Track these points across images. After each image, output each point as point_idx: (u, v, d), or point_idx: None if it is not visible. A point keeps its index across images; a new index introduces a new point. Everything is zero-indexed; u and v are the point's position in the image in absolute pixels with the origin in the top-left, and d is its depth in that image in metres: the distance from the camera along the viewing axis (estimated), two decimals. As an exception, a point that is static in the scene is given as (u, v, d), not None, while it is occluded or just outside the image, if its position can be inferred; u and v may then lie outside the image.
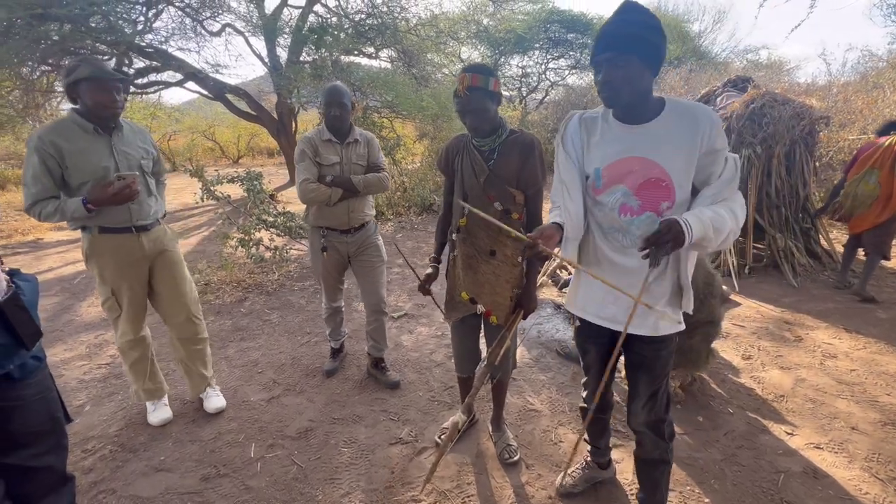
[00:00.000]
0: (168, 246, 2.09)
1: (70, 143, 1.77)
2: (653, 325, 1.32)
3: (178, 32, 7.96)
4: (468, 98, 1.48)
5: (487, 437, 2.04)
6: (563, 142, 1.35)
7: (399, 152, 7.52)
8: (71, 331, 3.32)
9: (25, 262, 5.07)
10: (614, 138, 1.25)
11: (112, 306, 2.02)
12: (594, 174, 1.29)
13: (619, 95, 1.17)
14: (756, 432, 2.09)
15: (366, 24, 8.56)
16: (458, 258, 1.73)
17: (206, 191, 4.19)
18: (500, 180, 1.58)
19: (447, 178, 1.77)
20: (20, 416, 1.24)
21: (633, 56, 1.12)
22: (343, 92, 2.17)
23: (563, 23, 16.09)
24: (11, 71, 6.80)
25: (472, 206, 1.59)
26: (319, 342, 3.00)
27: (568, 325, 3.20)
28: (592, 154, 1.30)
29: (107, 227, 1.88)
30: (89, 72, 1.74)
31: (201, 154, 15.56)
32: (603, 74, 1.17)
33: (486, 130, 1.56)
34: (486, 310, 1.70)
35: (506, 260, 1.64)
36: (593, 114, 1.33)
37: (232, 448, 2.03)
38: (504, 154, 1.58)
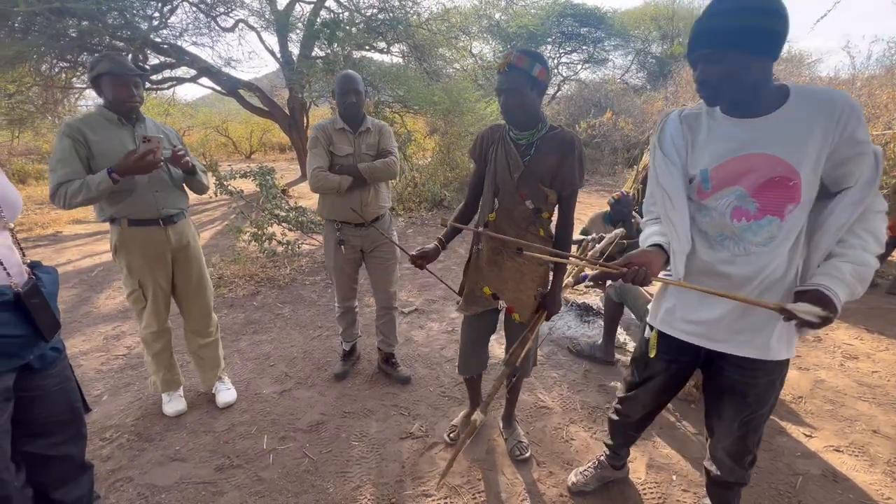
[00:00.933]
0: (191, 240, 2.13)
1: (96, 133, 1.84)
2: (762, 345, 1.16)
3: (192, 28, 8.04)
4: (506, 75, 1.40)
5: (498, 434, 2.04)
6: (661, 143, 1.21)
7: (410, 147, 7.50)
8: (89, 322, 3.39)
9: (45, 254, 5.18)
10: (725, 135, 1.11)
11: (138, 298, 2.06)
12: (700, 176, 1.15)
13: (718, 93, 1.07)
14: (773, 433, 2.04)
15: (377, 19, 8.54)
16: (483, 252, 1.68)
17: (219, 185, 4.23)
18: (535, 178, 1.51)
19: (477, 168, 1.69)
20: (41, 406, 1.27)
21: (734, 50, 1.00)
22: (357, 79, 2.15)
23: (576, 17, 15.89)
24: (31, 67, 6.93)
25: (503, 202, 1.57)
26: (330, 336, 3.02)
27: (579, 321, 3.17)
28: (698, 154, 1.16)
29: (135, 220, 1.93)
30: (109, 67, 1.82)
31: (214, 149, 15.73)
32: (699, 72, 1.07)
33: (522, 120, 1.47)
34: (508, 306, 1.67)
35: (532, 258, 1.58)
36: (695, 110, 1.20)
37: (245, 440, 2.06)
38: (542, 150, 1.50)
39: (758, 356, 1.17)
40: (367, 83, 7.22)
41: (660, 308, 1.35)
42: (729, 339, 1.20)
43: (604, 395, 2.34)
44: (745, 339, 1.18)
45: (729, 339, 1.20)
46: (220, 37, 8.74)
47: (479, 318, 1.77)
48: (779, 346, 1.17)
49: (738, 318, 1.18)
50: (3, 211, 1.14)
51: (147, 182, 1.92)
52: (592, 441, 2.02)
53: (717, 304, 1.19)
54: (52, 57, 7.05)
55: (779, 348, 1.17)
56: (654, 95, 11.01)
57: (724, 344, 1.21)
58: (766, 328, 1.16)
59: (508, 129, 1.56)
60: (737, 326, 1.18)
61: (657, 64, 16.30)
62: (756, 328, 1.17)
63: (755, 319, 1.16)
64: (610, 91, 11.93)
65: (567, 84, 17.22)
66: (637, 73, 17.82)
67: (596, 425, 2.12)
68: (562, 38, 16.35)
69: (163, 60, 8.20)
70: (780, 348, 1.17)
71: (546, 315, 1.67)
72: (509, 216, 1.57)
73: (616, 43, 16.96)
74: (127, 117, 1.92)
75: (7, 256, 1.14)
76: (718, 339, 1.22)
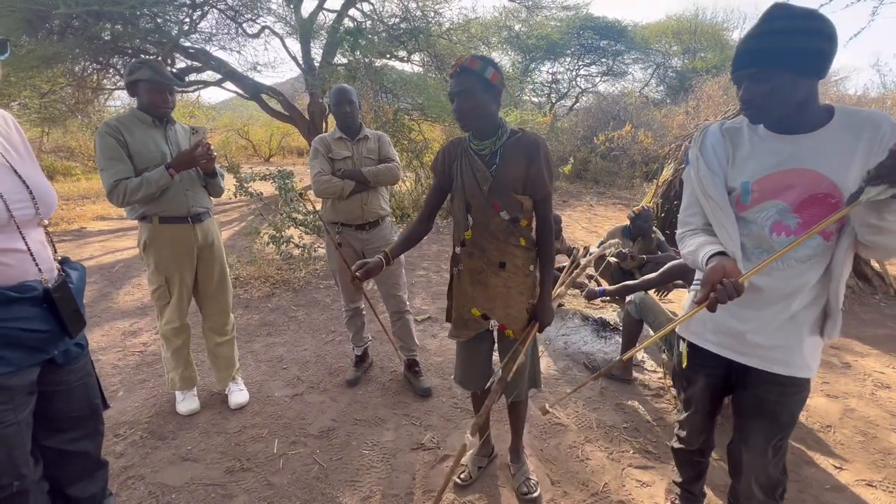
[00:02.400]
0: (216, 239, 2.19)
1: (131, 133, 1.92)
2: (793, 361, 1.14)
3: (219, 33, 8.26)
4: (458, 78, 1.36)
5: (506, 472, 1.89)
6: (704, 153, 1.20)
7: (427, 155, 7.54)
8: (108, 317, 3.44)
9: (69, 249, 5.32)
10: (768, 150, 1.11)
11: (163, 294, 2.10)
12: (741, 188, 1.14)
13: (763, 112, 1.07)
14: (800, 463, 1.96)
15: (399, 28, 8.66)
16: (463, 273, 1.58)
17: (239, 187, 4.29)
18: (506, 187, 1.44)
19: (437, 182, 1.61)
20: (61, 401, 1.27)
21: (780, 70, 1.00)
22: (350, 91, 2.26)
23: (596, 29, 15.91)
24: (65, 67, 7.18)
25: (476, 217, 1.49)
26: (343, 341, 3.01)
27: (596, 337, 3.11)
28: (739, 167, 1.15)
29: (166, 217, 2.00)
30: (149, 75, 1.91)
31: (234, 152, 16.07)
32: (743, 91, 1.07)
33: (479, 126, 1.42)
34: (500, 324, 1.57)
35: (517, 270, 1.51)
36: (735, 124, 1.19)
37: (256, 443, 2.05)
38: (507, 157, 1.44)
39: (787, 372, 1.15)
40: (388, 91, 7.29)
41: (692, 319, 1.30)
42: (758, 353, 1.17)
43: (620, 414, 2.27)
44: (776, 354, 1.15)
45: (758, 353, 1.17)
46: (245, 42, 8.97)
47: (473, 339, 1.65)
48: (810, 362, 1.16)
49: (768, 330, 1.15)
50: (39, 207, 1.16)
51: (180, 181, 1.99)
52: (608, 461, 1.96)
53: (747, 315, 1.17)
54: (86, 59, 7.30)
55: (810, 364, 1.16)
56: (674, 109, 10.90)
57: (753, 358, 1.18)
58: (797, 343, 1.14)
59: (470, 141, 1.49)
60: (767, 340, 1.16)
61: (677, 78, 16.17)
62: (787, 343, 1.14)
63: (786, 333, 1.14)
64: (629, 104, 11.85)
65: (585, 96, 17.20)
66: (656, 87, 17.71)
67: (613, 445, 2.06)
68: (581, 50, 16.38)
69: (189, 64, 8.43)
70: (811, 364, 1.16)
71: (538, 327, 1.57)
72: (486, 230, 1.49)
73: (636, 56, 16.90)
74: (160, 119, 2.00)
75: (39, 252, 1.16)
76: (747, 352, 1.19)
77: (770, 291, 1.14)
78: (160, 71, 1.94)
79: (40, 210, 1.16)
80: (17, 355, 1.10)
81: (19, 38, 6.06)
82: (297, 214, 4.53)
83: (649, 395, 2.44)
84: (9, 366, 1.09)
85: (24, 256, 1.12)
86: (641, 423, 2.21)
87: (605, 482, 1.84)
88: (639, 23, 17.21)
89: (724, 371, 1.29)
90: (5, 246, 1.08)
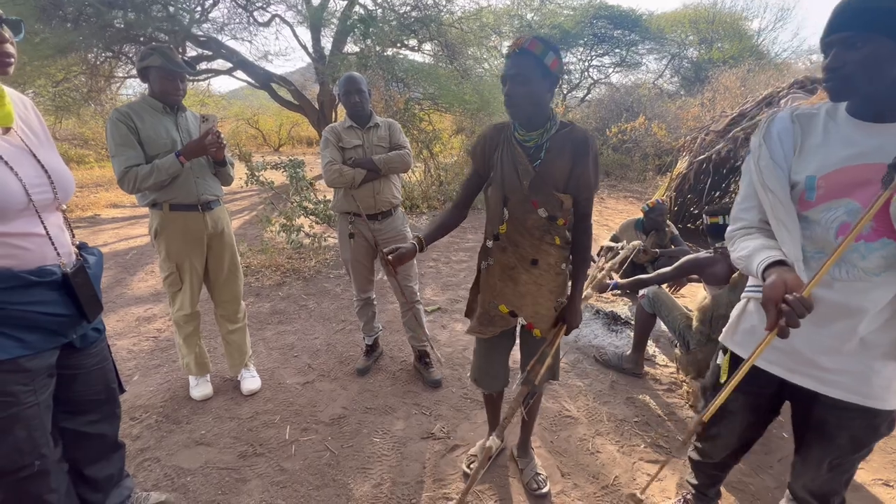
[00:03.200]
0: (226, 227, 2.21)
1: (142, 120, 1.92)
2: (857, 388, 1.00)
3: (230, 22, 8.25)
4: (515, 59, 1.26)
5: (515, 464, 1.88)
6: (768, 142, 1.06)
7: (436, 146, 7.50)
8: (122, 303, 3.50)
9: (83, 236, 5.39)
10: (844, 140, 0.97)
11: (174, 281, 2.12)
12: (805, 183, 1.00)
13: (849, 85, 0.92)
14: (815, 461, 1.93)
15: (410, 17, 8.57)
16: (494, 268, 1.52)
17: (251, 176, 4.31)
18: (548, 184, 1.36)
19: (476, 169, 1.52)
20: (80, 384, 1.30)
21: (881, 35, 0.86)
22: (360, 79, 2.23)
23: (610, 18, 15.58)
24: (79, 56, 7.22)
25: (513, 212, 1.42)
26: (353, 330, 3.03)
27: (607, 330, 3.08)
28: (806, 159, 1.01)
29: (176, 205, 2.01)
30: (160, 62, 1.91)
31: (245, 141, 16.14)
32: (831, 59, 0.92)
33: (528, 114, 1.32)
34: (527, 323, 1.53)
35: (549, 269, 1.46)
36: (811, 110, 1.05)
37: (268, 428, 2.07)
38: (553, 152, 1.35)
39: (851, 400, 1.01)
40: (399, 80, 7.24)
41: (738, 327, 1.19)
42: (815, 374, 1.04)
43: (631, 408, 2.26)
44: (839, 379, 1.01)
45: (815, 375, 1.04)
46: (256, 31, 8.95)
47: (495, 337, 1.61)
48: (884, 393, 0.99)
49: (829, 351, 1.01)
50: (58, 192, 1.17)
51: (190, 169, 1.99)
52: (619, 455, 1.95)
53: (805, 331, 0.99)
54: (99, 47, 7.34)
55: (884, 395, 0.99)
56: (689, 101, 10.69)
57: (809, 379, 1.05)
58: (866, 370, 0.98)
59: (514, 130, 1.39)
60: (829, 361, 1.02)
61: (693, 69, 15.83)
62: (853, 368, 0.99)
63: (853, 358, 1.00)
64: (642, 96, 11.64)
65: (597, 87, 16.92)
66: (671, 78, 17.36)
67: (623, 439, 2.05)
68: (594, 40, 16.07)
69: (201, 53, 8.44)
70: (887, 395, 0.99)
71: (566, 328, 1.53)
72: (521, 226, 1.42)
73: (650, 46, 16.55)
74: (171, 106, 2.00)
75: (58, 236, 1.17)
76: (802, 372, 1.05)
77: (829, 306, 0.99)
78: (171, 58, 1.93)
79: (59, 194, 1.17)
80: (36, 338, 1.12)
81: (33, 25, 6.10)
82: (307, 204, 4.54)
83: (661, 390, 2.42)
84: (29, 349, 1.10)
85: (43, 240, 1.13)
86: (653, 417, 2.19)
87: (616, 475, 1.83)
88: (654, 12, 16.82)
89: (773, 390, 1.14)
90: (24, 230, 1.09)
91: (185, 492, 1.73)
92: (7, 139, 1.09)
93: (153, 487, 1.73)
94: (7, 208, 1.04)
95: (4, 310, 1.05)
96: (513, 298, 1.51)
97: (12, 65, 1.03)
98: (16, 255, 1.07)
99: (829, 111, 1.03)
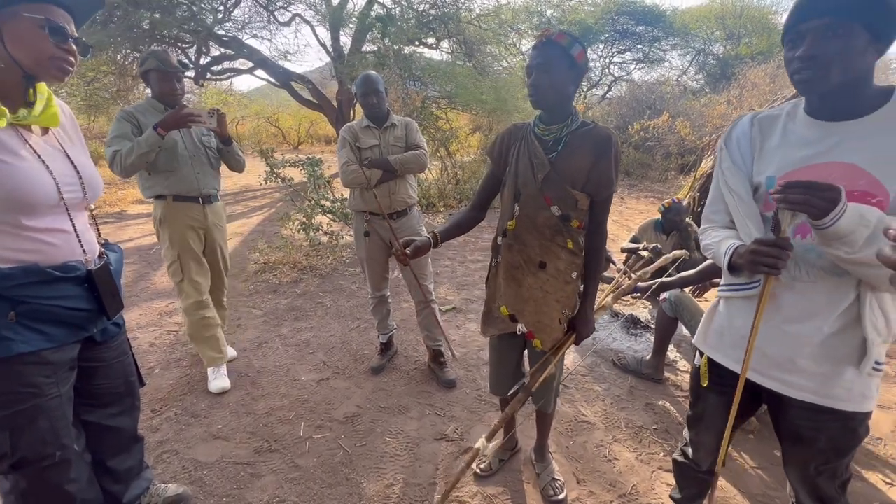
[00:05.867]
0: (222, 222, 2.36)
1: (147, 119, 2.04)
2: (824, 391, 0.99)
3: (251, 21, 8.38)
4: (541, 49, 1.25)
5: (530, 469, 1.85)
6: (728, 145, 1.09)
7: (453, 144, 7.48)
8: (145, 297, 3.59)
9: (110, 230, 5.57)
10: (801, 140, 0.98)
11: (176, 270, 2.23)
12: (766, 184, 1.00)
13: (826, 76, 0.88)
14: (846, 477, 1.84)
15: (428, 15, 8.54)
16: (500, 266, 1.48)
17: (270, 173, 4.37)
18: (563, 179, 1.32)
19: (493, 169, 1.51)
20: (100, 377, 1.32)
21: (858, 24, 0.84)
22: (377, 80, 2.22)
23: (633, 14, 15.25)
24: (108, 56, 7.45)
25: (524, 208, 1.37)
26: (368, 329, 3.03)
27: (626, 334, 3.01)
28: (766, 160, 1.03)
29: (179, 196, 2.15)
30: (155, 64, 2.03)
31: (265, 139, 16.42)
32: (805, 47, 0.89)
33: (551, 103, 1.30)
34: (527, 331, 1.46)
35: (558, 275, 1.38)
36: (773, 112, 1.07)
37: (283, 425, 2.09)
38: (571, 147, 1.31)
39: (821, 402, 0.99)
40: (416, 78, 7.23)
41: (709, 329, 1.20)
42: (782, 377, 1.03)
43: (650, 415, 2.20)
44: (805, 381, 1.00)
45: (782, 378, 1.03)
46: (277, 30, 9.06)
47: (501, 338, 1.58)
48: (857, 393, 0.97)
49: (793, 352, 1.00)
50: (87, 192, 1.20)
51: (190, 164, 2.13)
52: (637, 463, 1.89)
53: (769, 332, 1.01)
54: (126, 47, 7.55)
55: (856, 395, 0.97)
56: (715, 99, 10.37)
57: (776, 382, 1.04)
58: (832, 371, 0.97)
59: (534, 125, 1.39)
60: (794, 363, 1.01)
61: (718, 65, 15.36)
62: (819, 370, 0.98)
63: (817, 359, 0.98)
64: (666, 93, 11.36)
65: (618, 84, 16.60)
66: (695, 75, 16.89)
67: (642, 446, 1.99)
68: (615, 36, 15.75)
69: (223, 52, 8.60)
70: (861, 395, 0.97)
71: (575, 339, 1.46)
72: (531, 224, 1.37)
73: (674, 42, 16.13)
74: (171, 107, 2.11)
75: (84, 234, 1.21)
76: (770, 375, 1.04)
77: (791, 308, 0.99)
78: (165, 60, 2.04)
79: (88, 194, 1.21)
80: (59, 332, 1.15)
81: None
82: (325, 201, 4.58)
83: (682, 397, 2.34)
84: (52, 342, 1.13)
85: (70, 237, 1.16)
86: (673, 425, 2.13)
87: (634, 484, 1.78)
88: (678, 7, 16.39)
89: (750, 393, 1.11)
90: (53, 226, 1.12)
91: (202, 485, 1.75)
92: (45, 139, 1.15)
93: (171, 480, 1.76)
94: (40, 203, 1.08)
95: (29, 304, 1.08)
96: (514, 301, 1.46)
97: (70, 74, 1.10)
98: (42, 250, 1.10)
99: (789, 112, 1.04)
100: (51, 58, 1.05)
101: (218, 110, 2.05)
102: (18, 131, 1.08)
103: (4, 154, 1.02)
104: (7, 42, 1.01)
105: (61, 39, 1.05)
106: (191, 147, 2.16)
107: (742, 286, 1.09)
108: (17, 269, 1.06)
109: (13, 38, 1.01)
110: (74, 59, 1.10)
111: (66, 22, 1.07)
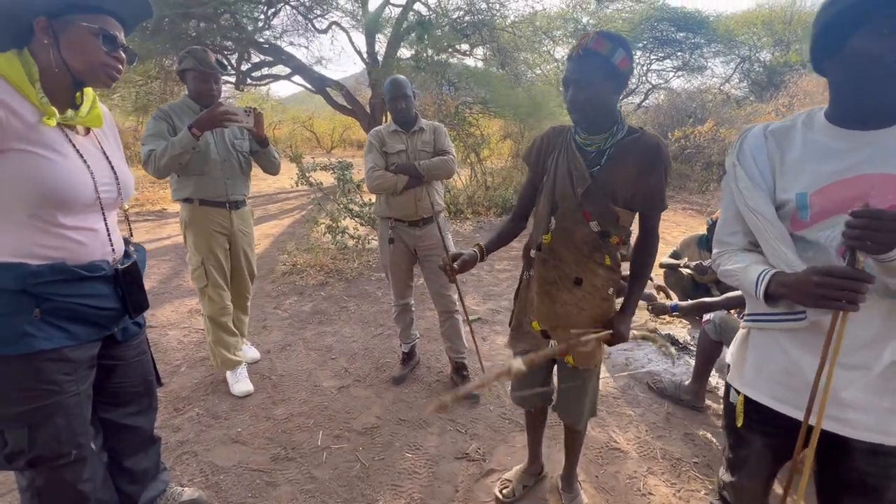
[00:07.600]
0: (249, 228, 2.33)
1: (181, 119, 2.03)
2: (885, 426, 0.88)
3: (290, 29, 8.64)
4: (578, 62, 1.15)
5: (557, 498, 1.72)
6: (742, 161, 1.00)
7: (484, 151, 7.41)
8: (178, 294, 3.68)
9: (150, 227, 5.80)
10: (830, 151, 0.90)
11: (200, 275, 2.21)
12: (796, 202, 0.92)
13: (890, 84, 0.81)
14: None
15: (463, 21, 8.55)
16: (533, 280, 1.41)
17: (301, 176, 4.42)
18: (605, 194, 1.23)
19: (531, 176, 1.43)
20: (119, 375, 1.32)
21: None
22: (405, 84, 2.18)
23: (673, 21, 14.79)
24: (155, 62, 7.85)
25: (561, 222, 1.28)
26: (391, 336, 2.98)
27: (662, 357, 2.82)
28: (790, 175, 0.94)
29: (206, 200, 2.12)
30: (192, 63, 2.02)
31: (300, 143, 16.88)
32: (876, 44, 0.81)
33: (592, 120, 1.22)
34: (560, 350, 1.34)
35: (594, 291, 1.31)
36: (785, 124, 1.00)
37: (301, 432, 2.05)
38: (616, 160, 1.22)
39: (884, 441, 0.87)
40: (451, 84, 7.22)
41: (744, 364, 1.06)
42: (838, 414, 0.89)
43: (690, 446, 2.02)
44: (865, 418, 0.87)
45: (837, 416, 0.89)
46: (314, 37, 9.31)
47: None
48: None
49: (847, 385, 0.88)
50: (122, 192, 1.21)
51: (220, 169, 2.10)
52: (675, 500, 1.73)
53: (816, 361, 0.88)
54: (173, 54, 7.93)
55: None
56: (761, 108, 9.86)
57: (831, 422, 0.90)
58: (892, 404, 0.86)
59: (574, 132, 1.29)
60: (849, 397, 0.88)
61: (765, 73, 14.65)
62: (879, 404, 0.86)
63: (876, 392, 0.87)
64: (707, 101, 10.90)
65: (655, 93, 16.10)
66: (738, 83, 16.17)
67: (680, 481, 1.82)
68: (654, 43, 15.31)
69: (263, 59, 8.90)
70: None
71: (613, 337, 1.33)
72: (568, 239, 1.29)
73: (717, 49, 15.51)
74: (206, 107, 2.07)
75: (113, 233, 1.22)
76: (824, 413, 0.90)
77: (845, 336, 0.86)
78: (204, 60, 2.03)
79: (122, 194, 1.22)
80: (82, 330, 1.14)
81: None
82: (353, 206, 4.59)
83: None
84: (74, 339, 1.12)
85: (99, 235, 1.17)
86: (715, 459, 1.95)
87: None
88: (722, 13, 15.79)
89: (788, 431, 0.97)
90: (85, 224, 1.13)
91: (218, 490, 1.73)
92: (87, 139, 1.17)
93: (188, 482, 1.75)
94: (77, 201, 1.09)
95: (53, 301, 1.08)
96: (547, 318, 1.38)
97: (117, 80, 1.14)
98: (70, 248, 1.11)
99: (804, 122, 0.97)
100: (102, 65, 1.08)
101: (255, 109, 2.01)
102: (64, 131, 1.11)
103: (51, 152, 1.05)
104: (62, 48, 1.05)
105: (112, 48, 1.09)
106: (222, 151, 2.13)
107: (781, 316, 0.95)
108: (45, 266, 1.06)
109: (68, 44, 1.05)
110: (122, 67, 1.13)
111: (118, 31, 1.11)
